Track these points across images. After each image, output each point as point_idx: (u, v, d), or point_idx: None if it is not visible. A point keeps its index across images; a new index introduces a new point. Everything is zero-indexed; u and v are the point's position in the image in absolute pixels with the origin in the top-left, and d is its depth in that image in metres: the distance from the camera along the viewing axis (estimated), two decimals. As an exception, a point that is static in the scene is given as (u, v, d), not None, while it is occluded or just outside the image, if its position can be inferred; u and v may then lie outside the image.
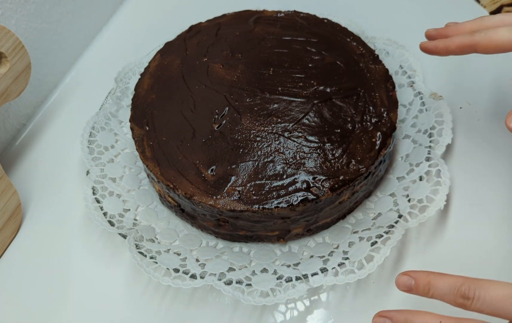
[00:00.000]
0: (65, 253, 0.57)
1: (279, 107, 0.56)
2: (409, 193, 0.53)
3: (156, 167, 0.54)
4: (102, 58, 0.77)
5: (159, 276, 0.49)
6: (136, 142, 0.56)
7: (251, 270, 0.50)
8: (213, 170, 0.52)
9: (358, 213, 0.55)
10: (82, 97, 0.73)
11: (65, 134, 0.68)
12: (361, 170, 0.50)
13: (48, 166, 0.65)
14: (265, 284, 0.48)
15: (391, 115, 0.54)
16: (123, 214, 0.56)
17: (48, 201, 0.62)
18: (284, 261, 0.51)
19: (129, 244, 0.52)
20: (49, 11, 0.69)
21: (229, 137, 0.54)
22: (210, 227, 0.54)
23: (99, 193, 0.57)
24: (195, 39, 0.65)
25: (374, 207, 0.54)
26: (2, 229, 0.57)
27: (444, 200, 0.51)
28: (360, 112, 0.55)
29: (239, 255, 0.53)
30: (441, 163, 0.53)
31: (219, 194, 0.50)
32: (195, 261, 0.51)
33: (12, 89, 0.57)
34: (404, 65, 0.64)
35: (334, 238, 0.53)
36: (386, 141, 0.52)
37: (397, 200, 0.53)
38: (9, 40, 0.55)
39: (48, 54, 0.71)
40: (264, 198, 0.49)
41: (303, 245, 0.53)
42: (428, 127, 0.57)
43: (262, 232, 0.52)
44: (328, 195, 0.49)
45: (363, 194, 0.54)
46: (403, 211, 0.51)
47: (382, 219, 0.52)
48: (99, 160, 0.60)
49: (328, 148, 0.52)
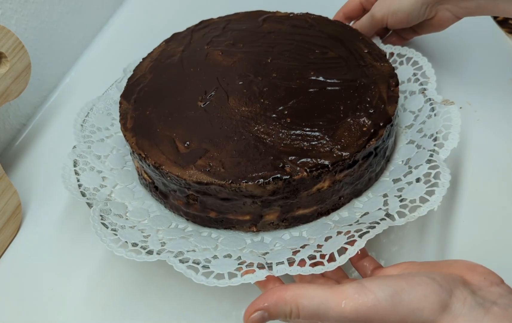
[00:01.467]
0: (65, 253, 0.55)
1: (269, 91, 0.52)
2: (402, 193, 0.47)
3: (133, 137, 0.51)
4: (102, 58, 0.77)
5: (114, 246, 0.46)
6: (120, 115, 0.54)
7: (213, 254, 0.45)
8: (188, 143, 0.49)
9: (343, 211, 0.49)
10: (82, 97, 0.70)
11: (65, 135, 0.66)
12: (344, 156, 0.45)
13: (48, 166, 0.64)
14: (224, 267, 0.43)
15: (388, 108, 0.49)
16: (98, 189, 0.53)
17: (48, 201, 0.60)
18: (252, 249, 0.46)
19: (93, 213, 0.49)
20: (49, 11, 0.69)
21: (212, 114, 0.51)
22: (181, 206, 0.50)
23: (79, 166, 0.55)
24: (202, 31, 0.64)
25: (362, 207, 0.48)
26: (2, 229, 0.55)
27: (439, 201, 0.44)
28: (355, 103, 0.50)
29: (206, 239, 0.48)
30: (443, 166, 0.47)
31: (189, 166, 0.47)
32: (157, 240, 0.47)
33: (12, 89, 0.56)
34: (417, 73, 0.59)
35: (312, 233, 0.47)
36: (378, 132, 0.47)
37: (388, 200, 0.47)
38: (9, 40, 0.55)
39: (48, 54, 0.71)
40: (233, 172, 0.45)
41: (277, 237, 0.48)
42: (435, 132, 0.51)
43: (232, 215, 0.48)
44: (303, 176, 0.44)
45: (350, 190, 0.48)
46: (392, 210, 0.45)
47: (367, 218, 0.46)
48: (89, 138, 0.59)
49: (313, 132, 0.47)
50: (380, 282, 0.34)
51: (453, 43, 0.69)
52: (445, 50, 0.68)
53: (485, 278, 0.35)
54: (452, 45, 0.63)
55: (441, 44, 0.68)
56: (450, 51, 0.68)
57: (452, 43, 0.69)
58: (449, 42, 0.69)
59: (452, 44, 0.63)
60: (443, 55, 0.67)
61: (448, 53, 0.68)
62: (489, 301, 0.33)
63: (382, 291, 0.33)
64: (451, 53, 0.68)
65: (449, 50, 0.68)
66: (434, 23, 0.60)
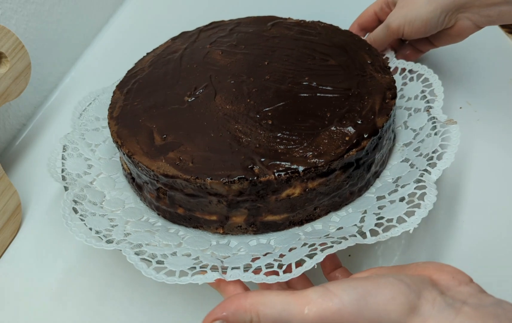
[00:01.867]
0: (65, 253, 0.54)
1: (258, 92, 0.50)
2: (381, 211, 0.43)
3: (115, 125, 0.51)
4: (102, 58, 0.77)
5: (77, 231, 0.45)
6: (110, 104, 0.54)
7: (173, 250, 0.43)
8: (165, 136, 0.47)
9: (318, 224, 0.45)
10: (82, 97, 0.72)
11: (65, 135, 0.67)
12: (317, 163, 0.42)
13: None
14: (178, 265, 0.41)
15: (377, 119, 0.46)
16: (80, 175, 0.53)
17: (48, 201, 0.60)
18: (214, 251, 0.44)
19: (66, 197, 0.48)
20: (49, 11, 0.69)
21: (195, 110, 0.50)
22: (153, 200, 0.48)
23: (67, 152, 0.55)
24: (210, 31, 0.62)
25: (338, 221, 0.45)
26: (2, 229, 0.55)
27: (417, 223, 0.40)
28: (344, 111, 0.47)
29: (171, 235, 0.46)
30: (430, 187, 0.43)
31: (159, 158, 0.45)
32: (122, 231, 0.46)
33: (12, 89, 0.56)
34: (426, 90, 0.55)
35: (280, 242, 0.44)
36: (360, 143, 0.44)
37: (366, 217, 0.43)
38: (9, 40, 0.55)
39: (48, 54, 0.71)
40: (201, 168, 0.43)
41: (244, 242, 0.45)
42: (430, 151, 0.47)
43: (199, 213, 0.45)
44: (270, 179, 0.41)
45: (327, 201, 0.45)
46: (366, 227, 0.41)
47: (339, 232, 0.42)
48: (84, 126, 0.59)
49: (292, 137, 0.45)
50: (345, 285, 0.32)
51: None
52: (445, 50, 0.65)
53: (454, 278, 0.33)
54: (452, 45, 0.59)
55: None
56: (450, 51, 0.66)
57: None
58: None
59: (452, 45, 0.59)
60: (443, 55, 0.66)
61: (448, 53, 0.66)
62: (459, 301, 0.31)
63: (347, 295, 0.31)
64: (451, 53, 0.66)
65: (449, 50, 0.66)
66: (452, 33, 0.56)
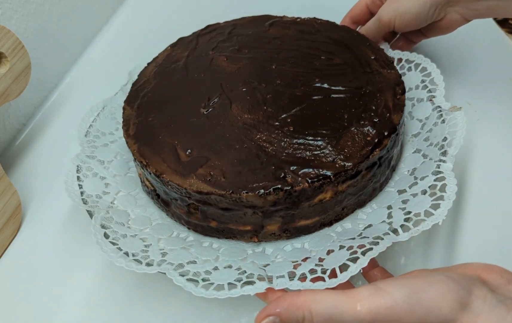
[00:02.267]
0: (65, 253, 0.55)
1: (273, 98, 0.51)
2: (407, 206, 0.46)
3: (134, 144, 0.51)
4: (102, 58, 0.77)
5: (115, 257, 0.45)
6: (123, 121, 0.54)
7: (214, 265, 0.45)
8: (189, 151, 0.48)
9: (347, 223, 0.48)
10: (82, 97, 0.72)
11: (65, 135, 0.67)
12: (346, 166, 0.44)
13: (48, 166, 0.64)
14: (224, 278, 0.42)
15: (393, 117, 0.48)
16: (101, 196, 0.53)
17: (48, 201, 0.60)
18: (253, 260, 0.45)
19: (94, 222, 0.48)
20: (49, 11, 0.69)
21: (214, 122, 0.50)
22: (182, 215, 0.49)
23: (82, 172, 0.55)
24: (208, 36, 0.63)
25: (366, 218, 0.47)
26: (2, 229, 0.55)
27: (444, 215, 0.43)
28: (360, 111, 0.49)
29: (207, 249, 0.48)
30: (449, 177, 0.46)
31: (189, 175, 0.46)
32: (158, 250, 0.47)
33: (12, 89, 0.56)
34: (426, 80, 0.57)
35: (314, 244, 0.46)
36: (382, 141, 0.46)
37: (393, 212, 0.46)
38: (9, 40, 0.55)
39: (48, 54, 0.71)
40: (234, 182, 0.45)
41: (279, 248, 0.47)
42: (440, 140, 0.50)
43: (233, 225, 0.47)
44: (304, 187, 0.43)
45: (354, 200, 0.47)
46: (396, 223, 0.44)
47: (371, 231, 0.45)
48: (93, 143, 0.58)
49: (315, 141, 0.47)
50: (395, 283, 0.33)
51: (453, 43, 0.68)
52: (445, 50, 0.67)
53: (502, 276, 0.34)
54: (452, 45, 0.62)
55: (441, 44, 0.68)
56: (450, 51, 0.68)
57: (452, 43, 0.68)
58: (449, 42, 0.68)
59: (452, 44, 0.63)
60: (443, 55, 0.67)
61: (448, 53, 0.67)
62: (510, 298, 0.32)
63: (398, 292, 0.32)
64: (451, 53, 0.68)
65: (449, 50, 0.68)
66: (442, 26, 0.58)
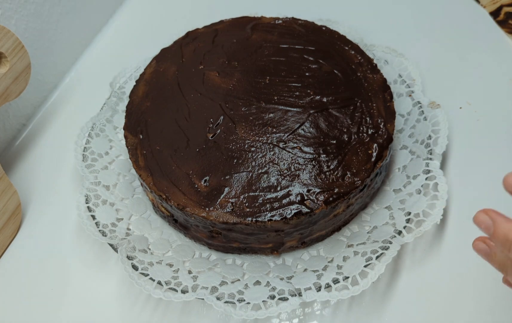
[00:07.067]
0: (65, 253, 0.57)
1: (275, 117, 0.55)
2: (405, 206, 0.52)
3: (149, 176, 0.53)
4: (101, 58, 0.77)
5: (151, 288, 0.49)
6: (129, 151, 0.55)
7: (243, 284, 0.49)
8: (206, 180, 0.51)
9: (353, 226, 0.54)
10: (82, 97, 0.72)
11: (65, 135, 0.68)
12: (356, 183, 0.49)
13: (48, 166, 0.65)
14: (258, 296, 0.47)
15: (388, 127, 0.53)
16: (115, 224, 0.55)
17: (48, 201, 0.62)
18: (277, 273, 0.50)
19: (121, 255, 0.51)
20: (49, 11, 0.69)
21: (223, 147, 0.53)
22: (203, 238, 0.53)
23: (92, 201, 0.56)
24: (191, 45, 0.64)
25: (369, 220, 0.53)
26: (2, 229, 0.57)
27: (440, 215, 0.50)
28: (357, 123, 0.54)
29: (232, 267, 0.52)
30: (439, 175, 0.52)
31: (212, 206, 0.50)
32: (187, 273, 0.51)
33: (12, 89, 0.57)
34: (403, 74, 0.63)
35: (328, 251, 0.52)
36: (382, 153, 0.51)
37: (393, 213, 0.52)
38: (9, 40, 0.55)
39: (48, 54, 0.71)
40: (257, 210, 0.49)
41: (297, 258, 0.52)
42: (425, 137, 0.56)
43: (256, 244, 0.51)
44: (323, 208, 0.48)
45: (359, 206, 0.53)
46: (399, 225, 0.50)
47: (377, 233, 0.51)
48: (93, 167, 0.59)
49: (323, 159, 0.51)
50: None
51: (453, 43, 0.70)
52: (444, 50, 0.69)
53: None
54: (452, 45, 0.64)
55: (441, 44, 0.70)
56: (450, 51, 0.69)
57: (452, 43, 0.70)
58: (449, 42, 0.70)
59: (452, 44, 0.64)
60: (443, 56, 0.69)
61: (448, 53, 0.69)
62: None
63: None
64: (451, 53, 0.69)
65: (449, 50, 0.69)
66: None
